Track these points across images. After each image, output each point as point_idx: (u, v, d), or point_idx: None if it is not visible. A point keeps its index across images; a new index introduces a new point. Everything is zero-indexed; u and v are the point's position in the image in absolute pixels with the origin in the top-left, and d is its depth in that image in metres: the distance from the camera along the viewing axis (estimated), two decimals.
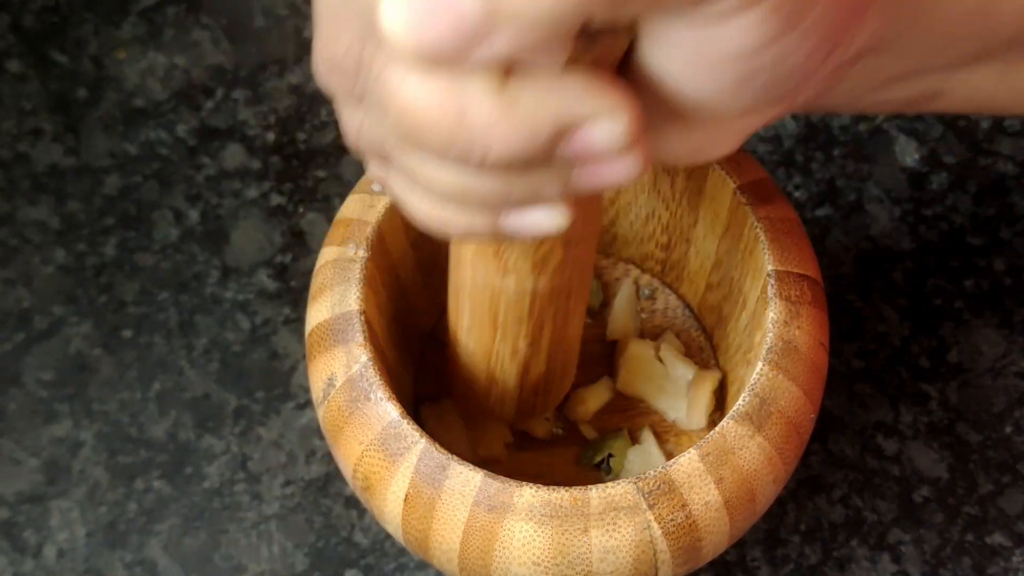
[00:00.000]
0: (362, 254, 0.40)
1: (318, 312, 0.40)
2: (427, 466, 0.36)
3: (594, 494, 0.35)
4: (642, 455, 0.43)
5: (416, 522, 0.36)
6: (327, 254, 0.41)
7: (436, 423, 0.44)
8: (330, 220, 0.53)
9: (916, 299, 0.52)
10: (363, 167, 0.54)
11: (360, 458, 0.37)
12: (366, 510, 0.47)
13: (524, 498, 0.35)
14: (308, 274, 0.52)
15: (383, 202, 0.41)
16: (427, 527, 0.36)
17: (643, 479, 0.35)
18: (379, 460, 0.37)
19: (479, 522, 0.35)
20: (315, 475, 0.48)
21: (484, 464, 0.38)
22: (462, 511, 0.35)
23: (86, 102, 0.56)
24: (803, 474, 0.48)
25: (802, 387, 0.38)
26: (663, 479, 0.35)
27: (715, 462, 0.36)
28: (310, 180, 0.54)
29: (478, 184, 0.27)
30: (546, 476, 0.44)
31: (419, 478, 0.36)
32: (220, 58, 0.57)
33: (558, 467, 0.44)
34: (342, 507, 0.48)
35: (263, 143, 0.55)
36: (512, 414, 0.42)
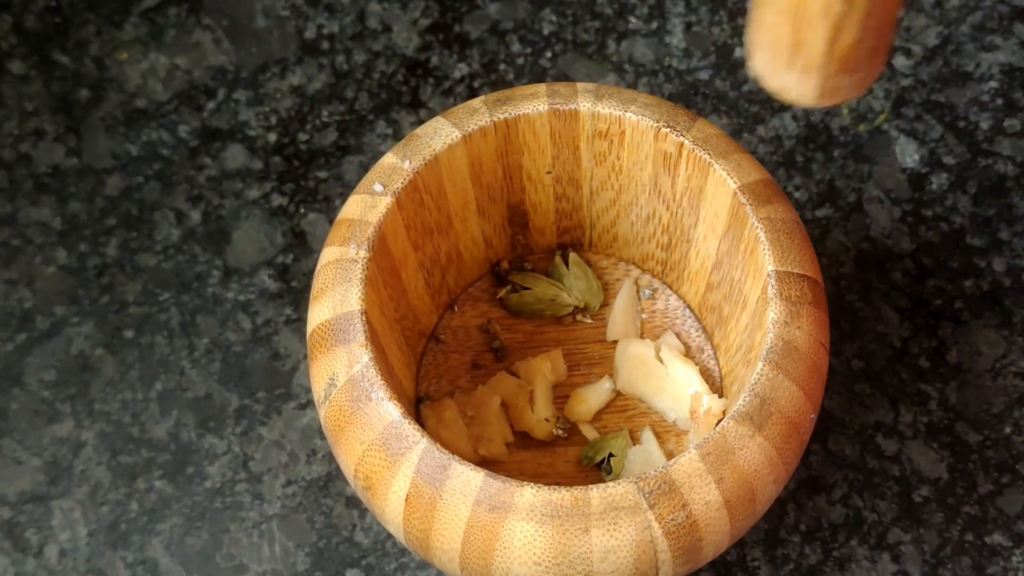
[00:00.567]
0: (363, 254, 0.40)
1: (320, 312, 0.40)
2: (428, 466, 0.36)
3: (595, 494, 0.35)
4: (642, 455, 0.44)
5: (417, 521, 0.36)
6: (328, 254, 0.41)
7: (436, 423, 0.44)
8: (331, 220, 0.53)
9: (916, 299, 0.52)
10: (363, 167, 0.55)
11: (361, 458, 0.37)
12: (367, 510, 0.47)
13: (525, 498, 0.35)
14: (309, 274, 0.52)
15: (384, 203, 0.41)
16: (428, 527, 0.36)
17: (644, 479, 0.35)
18: (380, 460, 0.37)
19: (480, 522, 0.35)
20: (316, 475, 0.48)
21: (485, 464, 0.38)
22: (463, 511, 0.36)
23: (88, 103, 0.56)
24: (803, 474, 0.48)
25: (802, 387, 0.38)
26: (664, 479, 0.35)
27: (715, 462, 0.36)
28: (311, 181, 0.54)
29: None
30: (547, 476, 0.44)
31: (420, 478, 0.36)
32: (221, 59, 0.57)
33: (559, 467, 0.44)
34: (343, 507, 0.48)
35: (264, 144, 0.55)
36: (815, 88, 0.35)
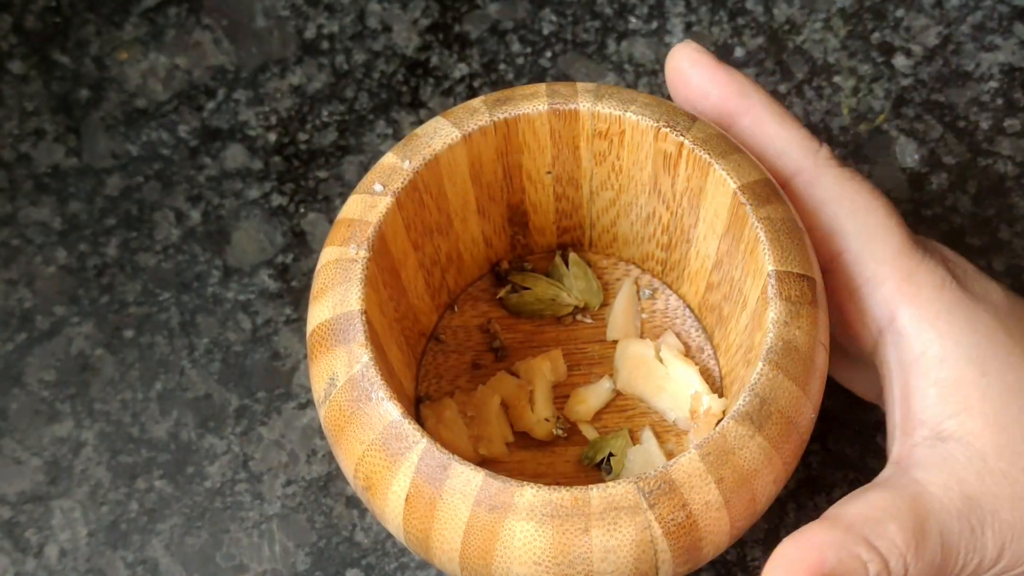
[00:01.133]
0: (363, 254, 0.40)
1: (320, 312, 0.40)
2: (428, 466, 0.36)
3: (595, 494, 0.35)
4: (642, 455, 0.44)
5: (417, 522, 0.36)
6: (328, 254, 0.41)
7: (436, 422, 0.44)
8: (331, 220, 0.53)
9: None
10: (363, 167, 0.55)
11: (361, 458, 0.37)
12: (367, 510, 0.47)
13: (525, 498, 0.35)
14: (309, 274, 0.52)
15: (384, 202, 0.41)
16: (428, 527, 0.36)
17: (644, 479, 0.35)
18: (380, 460, 0.37)
19: (480, 522, 0.35)
20: (316, 475, 0.48)
21: (485, 464, 0.38)
22: (463, 511, 0.35)
23: (88, 103, 0.56)
24: (803, 474, 0.48)
25: (802, 387, 0.38)
26: (664, 479, 0.35)
27: (715, 462, 0.36)
28: (311, 180, 0.54)
29: None
30: (547, 476, 0.44)
31: (420, 478, 0.36)
32: (221, 59, 0.57)
33: (559, 467, 0.44)
34: (343, 507, 0.48)
35: (264, 143, 0.55)
36: None
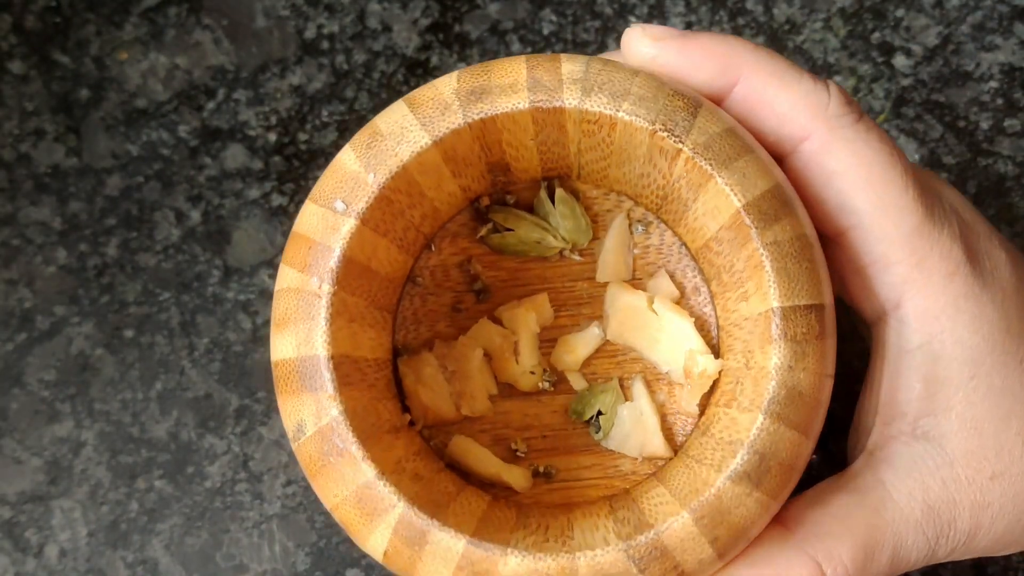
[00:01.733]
0: (327, 288, 0.36)
1: (282, 347, 0.36)
2: (407, 529, 0.34)
3: (582, 563, 0.34)
4: (633, 413, 0.41)
5: (399, 570, 0.35)
6: (287, 278, 0.37)
7: (415, 381, 0.40)
8: None
9: None
10: None
11: (336, 507, 0.36)
12: None
13: (509, 566, 0.34)
14: None
15: (348, 225, 0.36)
16: None
17: (633, 545, 0.34)
18: (356, 515, 0.35)
19: None
20: None
21: (468, 424, 0.36)
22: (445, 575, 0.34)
23: (88, 103, 0.56)
24: (803, 474, 0.48)
25: (804, 432, 0.36)
26: (655, 544, 0.34)
27: (710, 524, 0.34)
28: (311, 181, 0.54)
29: None
30: (533, 428, 0.41)
31: (398, 539, 0.34)
32: (221, 59, 0.57)
33: (545, 418, 0.41)
34: None
35: (264, 143, 0.55)
36: None
